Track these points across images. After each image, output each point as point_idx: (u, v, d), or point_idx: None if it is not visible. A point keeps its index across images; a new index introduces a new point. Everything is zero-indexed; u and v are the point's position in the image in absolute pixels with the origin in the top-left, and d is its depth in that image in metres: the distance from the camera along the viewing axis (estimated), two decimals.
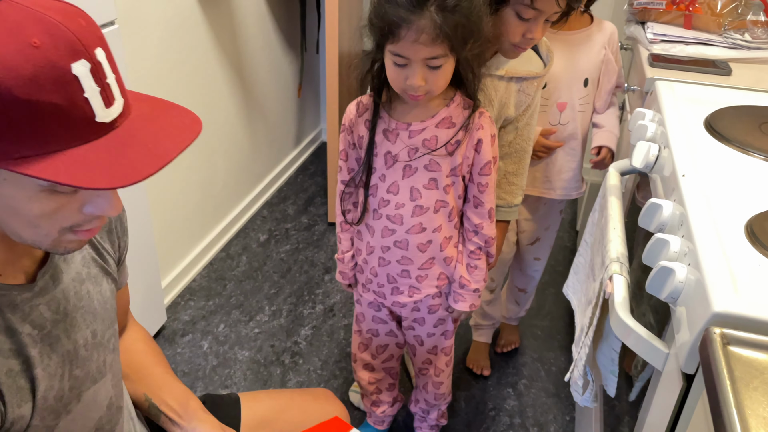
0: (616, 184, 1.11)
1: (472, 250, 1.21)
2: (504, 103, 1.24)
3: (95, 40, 0.58)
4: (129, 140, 0.58)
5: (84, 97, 0.56)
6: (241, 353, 1.82)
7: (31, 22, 0.54)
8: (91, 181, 0.54)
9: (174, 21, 1.80)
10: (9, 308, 0.67)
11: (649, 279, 0.75)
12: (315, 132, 3.04)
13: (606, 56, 1.43)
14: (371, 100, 1.15)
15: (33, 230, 0.61)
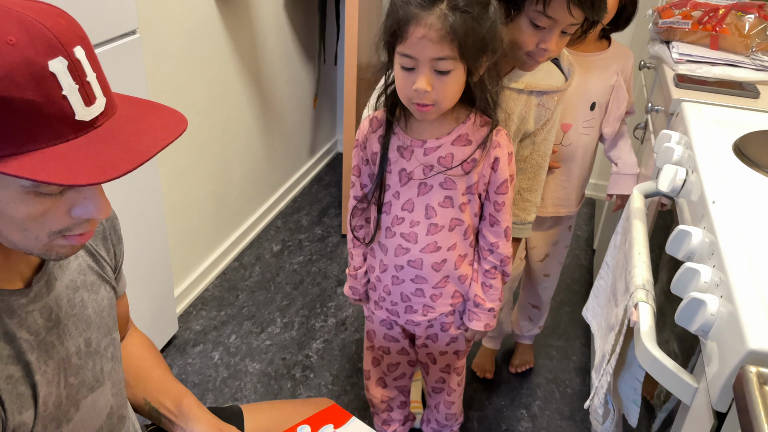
0: (640, 207, 1.09)
1: (487, 269, 1.19)
2: (523, 117, 1.22)
3: (74, 38, 0.57)
4: (109, 139, 0.58)
5: (62, 94, 0.55)
6: (252, 365, 1.81)
7: (8, 20, 0.54)
8: (69, 177, 0.53)
9: (194, 31, 1.80)
10: (7, 313, 0.66)
11: (679, 310, 0.73)
12: (330, 143, 3.04)
13: (618, 82, 1.41)
14: (385, 115, 1.13)
15: (22, 234, 0.61)
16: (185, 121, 0.63)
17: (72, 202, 0.61)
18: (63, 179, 0.53)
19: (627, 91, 1.44)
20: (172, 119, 0.62)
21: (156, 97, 1.67)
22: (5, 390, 0.65)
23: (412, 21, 0.96)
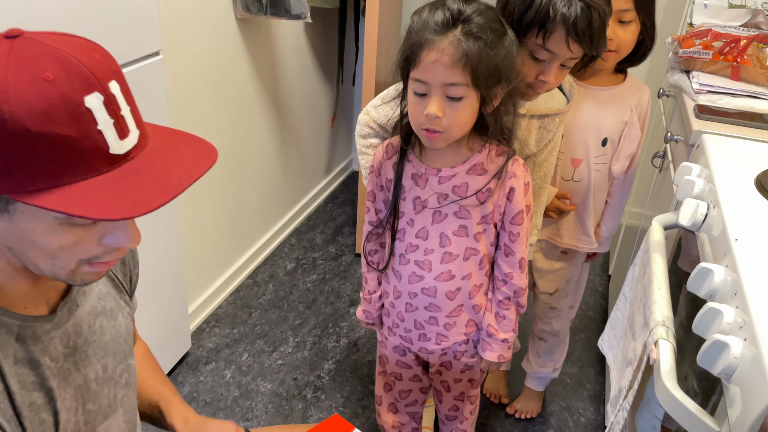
0: (659, 240, 1.08)
1: (501, 299, 1.17)
2: (524, 141, 1.23)
3: (110, 73, 0.58)
4: (142, 172, 0.58)
5: (97, 129, 0.56)
6: (264, 385, 1.80)
7: (46, 57, 0.55)
8: (103, 212, 0.54)
9: (216, 51, 1.83)
10: (32, 340, 0.67)
11: (701, 352, 0.72)
12: (346, 161, 3.05)
13: (631, 118, 1.37)
14: (400, 142, 1.13)
15: (51, 262, 0.62)
16: (215, 152, 0.63)
17: (104, 232, 0.62)
18: (97, 214, 0.54)
19: (641, 129, 1.39)
20: (203, 150, 0.63)
21: (176, 116, 1.69)
22: (28, 417, 0.65)
23: (425, 46, 0.97)
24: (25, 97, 0.52)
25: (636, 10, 1.28)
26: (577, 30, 1.06)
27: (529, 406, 1.75)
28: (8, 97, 0.52)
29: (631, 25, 1.29)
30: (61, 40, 0.57)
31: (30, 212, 0.57)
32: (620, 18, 1.27)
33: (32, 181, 0.54)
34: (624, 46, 1.30)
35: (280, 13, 1.83)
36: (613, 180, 1.45)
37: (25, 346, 0.66)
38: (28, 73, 0.53)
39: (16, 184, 0.54)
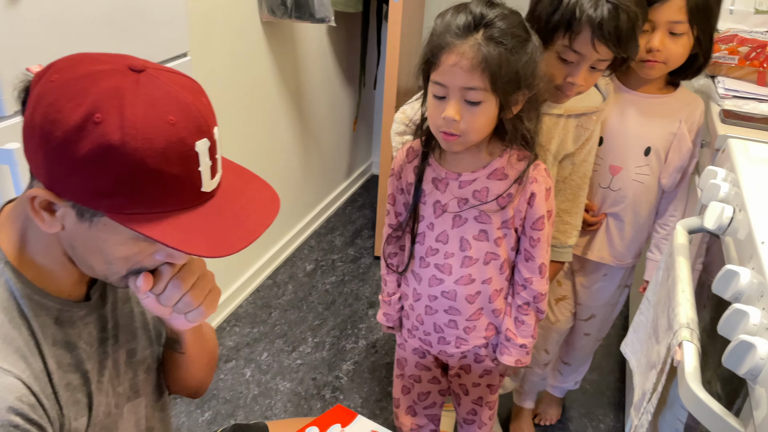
0: (684, 243, 1.07)
1: (520, 304, 1.16)
2: (562, 140, 1.22)
3: (213, 118, 0.64)
4: (223, 210, 0.64)
5: (198, 170, 0.61)
6: (283, 384, 1.82)
7: (169, 99, 0.59)
8: (192, 247, 0.60)
9: (241, 54, 1.86)
10: (69, 324, 0.71)
11: (727, 353, 0.72)
12: (366, 164, 3.07)
13: (680, 130, 1.31)
14: (421, 146, 1.13)
15: (107, 267, 0.66)
16: (278, 199, 0.69)
17: (160, 248, 0.66)
18: (189, 249, 0.59)
19: (691, 141, 1.32)
20: (267, 194, 0.69)
21: None
22: (64, 397, 0.68)
23: (445, 49, 0.97)
24: (151, 137, 0.57)
25: (689, 23, 1.22)
26: (603, 31, 1.05)
27: (548, 412, 1.74)
28: (137, 135, 0.57)
29: (683, 38, 1.23)
30: (177, 81, 0.62)
31: (111, 225, 0.62)
32: (671, 29, 1.22)
33: (130, 206, 0.59)
34: (673, 58, 1.25)
35: (304, 16, 1.86)
36: (663, 194, 1.38)
37: (63, 329, 0.70)
38: (155, 113, 0.58)
39: (114, 205, 0.59)
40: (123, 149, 0.57)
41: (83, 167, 0.58)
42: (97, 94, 0.57)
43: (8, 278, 0.66)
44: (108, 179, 0.58)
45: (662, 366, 0.91)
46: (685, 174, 1.36)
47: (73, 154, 0.57)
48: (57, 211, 0.63)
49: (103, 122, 0.57)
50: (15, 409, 0.62)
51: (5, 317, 0.65)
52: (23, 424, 0.62)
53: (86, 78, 0.59)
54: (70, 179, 0.59)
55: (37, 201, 0.62)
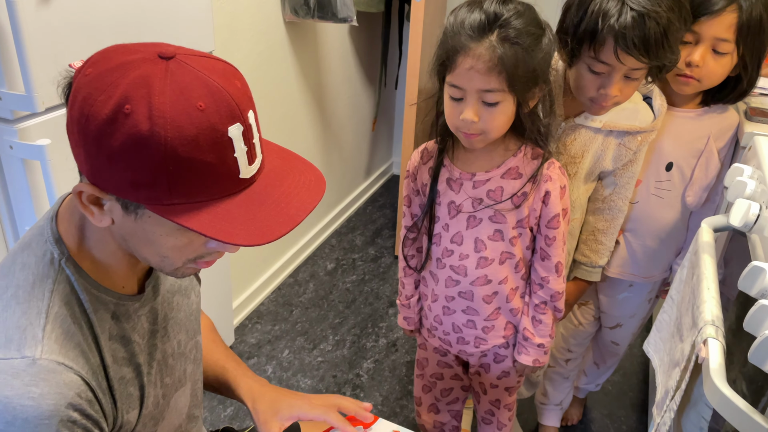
0: (709, 242, 1.06)
1: (537, 303, 1.16)
2: (599, 156, 1.19)
3: (248, 103, 0.62)
4: (264, 197, 0.63)
5: (234, 156, 0.60)
6: (304, 381, 1.83)
7: (198, 85, 0.58)
8: (232, 237, 0.59)
9: (265, 53, 1.88)
10: (125, 318, 0.72)
11: (753, 349, 0.71)
12: (386, 165, 3.08)
13: (708, 147, 1.24)
14: (436, 147, 1.13)
15: (161, 259, 0.67)
16: (324, 180, 0.68)
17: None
18: (228, 238, 0.59)
19: (719, 159, 1.25)
20: (312, 176, 0.67)
21: None
22: (118, 391, 0.69)
23: (461, 51, 0.95)
24: (180, 124, 0.57)
25: (736, 44, 1.14)
26: (627, 41, 1.00)
27: (570, 413, 1.73)
28: (166, 123, 0.56)
29: (726, 58, 1.15)
30: (209, 66, 0.60)
31: (155, 218, 0.62)
32: (715, 47, 1.15)
33: (169, 196, 0.59)
34: (710, 77, 1.17)
35: (327, 16, 1.87)
36: (690, 214, 1.32)
37: (119, 324, 0.71)
38: (184, 100, 0.57)
39: (153, 196, 0.59)
40: (153, 139, 0.56)
41: (118, 160, 0.58)
42: (126, 85, 0.57)
43: (70, 273, 0.67)
44: (143, 170, 0.58)
45: (686, 363, 0.90)
46: (711, 195, 1.29)
47: (108, 147, 0.58)
48: (105, 205, 0.63)
49: (132, 113, 0.56)
50: (74, 405, 0.63)
51: (67, 312, 0.66)
52: (81, 419, 0.64)
53: (117, 70, 0.59)
54: (108, 172, 0.59)
55: (84, 196, 0.62)
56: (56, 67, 1.07)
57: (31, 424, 0.60)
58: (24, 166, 1.08)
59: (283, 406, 0.91)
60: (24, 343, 0.63)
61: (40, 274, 0.66)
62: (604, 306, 1.47)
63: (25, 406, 0.60)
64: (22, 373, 0.61)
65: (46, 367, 0.62)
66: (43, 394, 0.61)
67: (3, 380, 0.61)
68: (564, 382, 1.60)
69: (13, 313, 0.64)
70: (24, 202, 1.11)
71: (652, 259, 1.37)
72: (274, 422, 0.90)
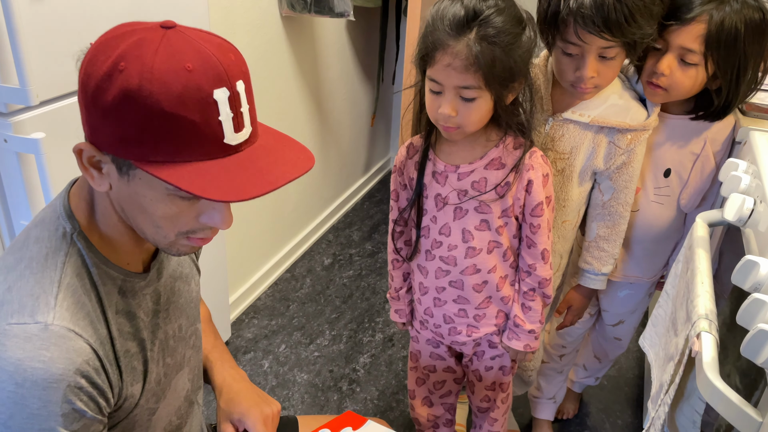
0: (703, 236, 1.06)
1: (526, 290, 1.17)
2: (591, 154, 1.19)
3: (239, 73, 0.64)
4: (247, 164, 0.64)
5: (218, 119, 0.62)
6: (300, 376, 1.83)
7: (190, 49, 0.61)
8: (206, 191, 0.61)
9: (261, 48, 1.87)
10: (131, 294, 0.74)
11: (745, 342, 0.71)
12: (383, 160, 3.08)
13: (704, 152, 1.22)
14: (422, 142, 1.14)
15: (155, 230, 0.68)
16: (313, 159, 0.69)
17: (202, 210, 0.68)
18: (201, 192, 0.60)
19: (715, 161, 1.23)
20: (302, 155, 0.69)
21: None
22: (123, 362, 0.72)
23: (439, 48, 0.97)
24: (166, 81, 0.59)
25: (704, 56, 1.10)
26: (585, 20, 1.02)
27: (566, 407, 1.73)
28: (153, 78, 0.59)
29: (693, 69, 1.12)
30: (206, 38, 0.64)
31: (146, 179, 0.64)
32: (682, 57, 1.11)
33: (154, 153, 0.61)
34: (676, 88, 1.14)
35: (323, 11, 1.87)
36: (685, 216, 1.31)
37: (125, 299, 0.73)
38: (174, 61, 0.60)
39: (140, 153, 0.62)
40: (140, 93, 0.59)
41: (110, 114, 0.61)
42: (125, 47, 0.61)
43: (81, 247, 0.70)
44: (131, 125, 0.60)
45: (680, 357, 0.91)
46: (707, 198, 1.28)
47: (103, 102, 0.61)
48: (103, 167, 0.66)
49: (125, 70, 0.60)
50: (82, 371, 0.65)
51: (78, 283, 0.68)
52: (87, 387, 0.66)
53: (121, 36, 0.62)
54: (103, 128, 0.62)
55: (85, 156, 0.65)
56: (51, 60, 1.07)
57: (40, 386, 0.62)
58: (19, 160, 1.08)
59: (237, 411, 0.93)
60: (37, 309, 0.65)
61: (53, 247, 0.69)
62: (605, 304, 1.47)
63: (35, 369, 0.62)
64: (34, 338, 0.64)
65: (57, 333, 0.65)
66: (53, 358, 0.63)
67: (15, 343, 0.63)
68: (558, 377, 1.60)
69: (27, 282, 0.67)
70: (19, 196, 1.11)
71: (654, 260, 1.37)
72: (227, 424, 0.93)
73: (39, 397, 0.63)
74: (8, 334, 0.64)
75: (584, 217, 1.33)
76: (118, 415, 0.74)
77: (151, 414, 0.79)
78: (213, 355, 0.99)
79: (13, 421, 0.62)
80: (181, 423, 0.87)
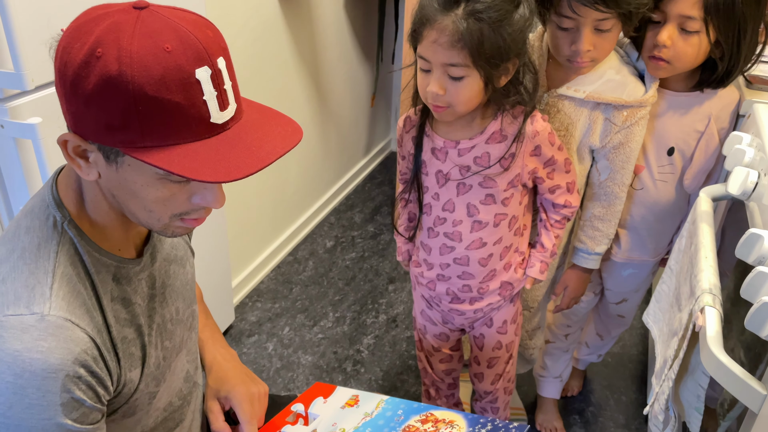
0: (707, 210, 1.06)
1: (558, 219, 1.20)
2: (587, 131, 1.18)
3: (219, 50, 0.63)
4: (236, 142, 0.64)
5: (203, 99, 0.61)
6: (305, 357, 1.84)
7: (167, 29, 0.60)
8: (198, 173, 0.60)
9: (258, 29, 1.85)
10: (125, 280, 0.74)
11: (750, 315, 0.71)
12: (384, 141, 3.06)
13: (709, 129, 1.20)
14: (418, 117, 1.13)
15: (147, 214, 0.68)
16: (301, 132, 0.69)
17: (194, 191, 0.68)
18: (194, 174, 0.60)
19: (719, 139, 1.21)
20: (289, 129, 0.69)
21: None
22: (121, 349, 0.72)
23: (427, 24, 0.96)
24: (147, 64, 0.58)
25: (704, 21, 1.08)
26: None
27: (570, 384, 1.74)
28: (132, 63, 0.58)
29: (695, 37, 1.10)
30: (181, 16, 0.63)
31: (135, 165, 0.64)
32: (682, 25, 1.09)
33: (141, 138, 0.60)
34: (680, 59, 1.12)
35: None
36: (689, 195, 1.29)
37: (120, 286, 0.73)
38: (151, 42, 0.59)
39: (127, 139, 0.61)
40: (121, 78, 0.58)
41: (93, 103, 0.60)
42: (100, 32, 0.60)
43: (73, 235, 0.69)
44: (115, 112, 0.59)
45: (684, 332, 0.91)
46: (711, 176, 1.26)
47: (83, 90, 0.60)
48: (90, 156, 0.65)
49: (102, 56, 0.59)
50: (81, 361, 0.65)
51: (72, 272, 0.68)
52: (86, 375, 0.66)
53: (93, 20, 0.61)
54: (86, 117, 0.61)
55: (70, 146, 0.64)
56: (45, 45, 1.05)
57: (39, 377, 0.63)
58: (16, 145, 1.07)
59: (224, 389, 0.94)
60: (33, 300, 0.65)
61: (45, 236, 0.69)
62: (609, 283, 1.46)
63: (34, 359, 0.63)
64: (31, 328, 0.64)
65: (54, 323, 0.65)
66: (51, 349, 0.63)
67: (13, 335, 0.63)
68: (563, 355, 1.60)
69: (21, 273, 0.67)
70: (17, 181, 1.10)
71: (658, 239, 1.36)
72: (214, 401, 0.94)
73: (38, 387, 0.63)
74: (5, 326, 0.64)
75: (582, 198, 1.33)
76: (118, 400, 0.74)
77: (152, 397, 0.79)
78: (204, 334, 0.99)
79: (13, 411, 0.63)
80: (183, 403, 0.87)
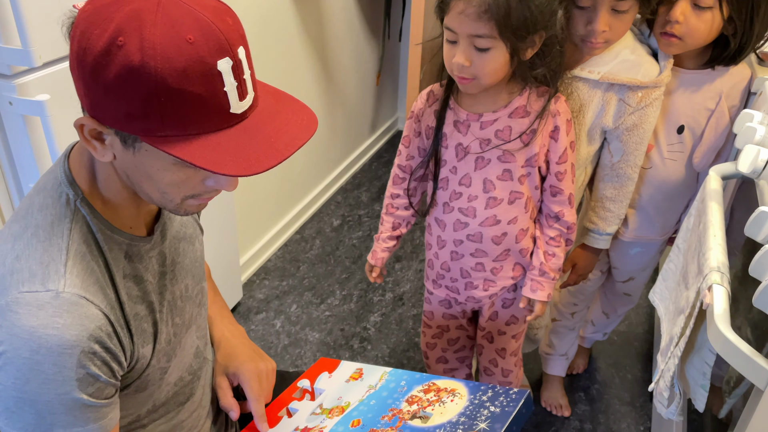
0: (716, 189, 1.05)
1: (553, 236, 1.17)
2: (600, 112, 1.17)
3: (238, 39, 0.63)
4: (255, 132, 0.64)
5: (223, 90, 0.61)
6: (312, 335, 1.86)
7: (188, 19, 0.60)
8: (221, 167, 0.61)
9: (264, 6, 1.84)
10: (137, 258, 0.75)
11: (758, 293, 0.71)
12: (391, 120, 3.04)
13: (720, 107, 1.19)
14: (442, 90, 1.13)
15: (161, 195, 0.69)
16: (316, 120, 0.69)
17: (208, 175, 0.68)
18: (217, 168, 0.61)
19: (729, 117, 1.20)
20: (305, 117, 0.69)
21: None
22: (134, 325, 0.73)
23: None
24: (169, 56, 0.58)
25: None
26: None
27: (576, 362, 1.75)
28: (156, 54, 0.58)
29: (707, 13, 1.10)
30: (199, 2, 0.62)
31: (152, 151, 0.64)
32: (695, 1, 1.09)
33: (162, 128, 0.61)
34: (692, 35, 1.12)
35: None
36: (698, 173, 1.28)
37: (132, 263, 0.74)
38: (174, 33, 0.59)
39: (148, 128, 0.61)
40: (144, 70, 0.58)
41: (113, 91, 0.60)
42: (120, 19, 0.59)
43: (85, 213, 0.70)
44: (136, 101, 0.60)
45: (691, 310, 0.91)
46: (721, 155, 1.25)
47: (104, 78, 0.60)
48: (106, 139, 0.65)
49: (125, 45, 0.58)
50: (95, 337, 0.66)
51: (86, 249, 0.69)
52: (101, 351, 0.67)
53: (113, 4, 0.60)
54: (105, 104, 0.61)
55: (86, 129, 0.64)
56: (55, 21, 1.05)
57: (54, 353, 0.64)
58: (24, 122, 1.07)
59: (232, 365, 0.95)
60: (47, 277, 0.66)
61: (58, 214, 0.69)
62: (616, 262, 1.46)
63: (50, 336, 0.64)
64: (47, 305, 0.65)
65: (69, 300, 0.65)
66: (67, 325, 0.64)
67: (28, 311, 0.64)
68: (570, 333, 1.61)
69: (35, 250, 0.67)
70: (26, 158, 1.11)
71: (666, 217, 1.36)
72: (223, 377, 0.95)
73: (54, 363, 0.64)
74: (21, 303, 0.65)
75: (591, 177, 1.32)
76: (131, 376, 0.75)
77: (163, 373, 0.80)
78: (212, 310, 1.01)
79: (29, 387, 0.64)
80: (193, 378, 0.89)
